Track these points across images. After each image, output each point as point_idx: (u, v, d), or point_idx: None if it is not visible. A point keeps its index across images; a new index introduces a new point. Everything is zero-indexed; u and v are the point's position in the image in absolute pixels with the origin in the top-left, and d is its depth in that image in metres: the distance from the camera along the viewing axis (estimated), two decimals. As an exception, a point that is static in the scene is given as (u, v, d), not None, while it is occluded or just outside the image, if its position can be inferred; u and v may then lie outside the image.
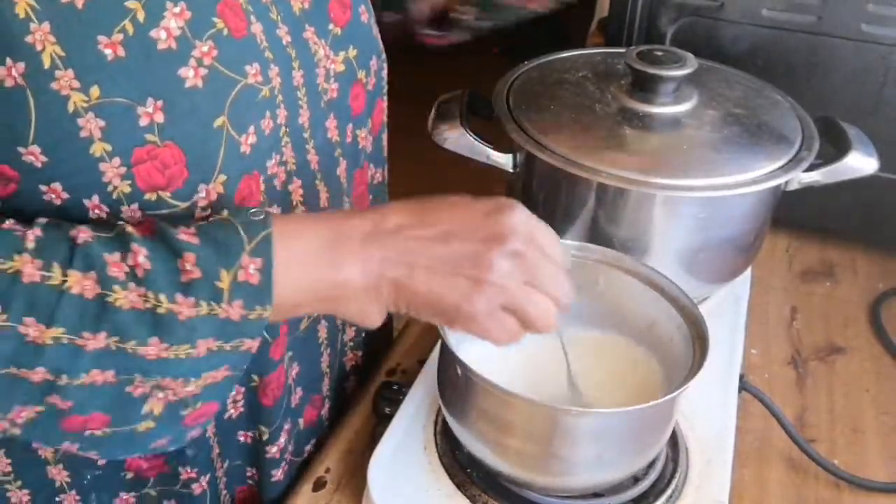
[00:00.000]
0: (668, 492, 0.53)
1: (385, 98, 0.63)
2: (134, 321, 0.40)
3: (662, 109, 0.66)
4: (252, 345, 0.43)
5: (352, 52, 0.55)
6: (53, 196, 0.43)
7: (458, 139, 0.67)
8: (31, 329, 0.38)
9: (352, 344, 0.66)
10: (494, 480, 0.53)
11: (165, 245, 0.40)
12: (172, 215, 0.44)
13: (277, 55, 0.49)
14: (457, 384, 0.50)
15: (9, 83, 0.39)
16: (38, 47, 0.39)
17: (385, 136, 0.65)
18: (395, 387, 0.60)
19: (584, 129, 0.65)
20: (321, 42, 0.53)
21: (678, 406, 0.51)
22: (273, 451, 0.58)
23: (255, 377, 0.54)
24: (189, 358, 0.41)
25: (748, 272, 0.74)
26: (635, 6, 0.83)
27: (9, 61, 0.39)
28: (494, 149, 0.67)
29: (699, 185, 0.61)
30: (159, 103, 0.42)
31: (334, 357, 0.63)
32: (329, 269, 0.43)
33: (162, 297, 0.40)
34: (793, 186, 0.65)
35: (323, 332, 0.60)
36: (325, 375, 0.62)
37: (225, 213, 0.43)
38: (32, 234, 0.40)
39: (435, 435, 0.56)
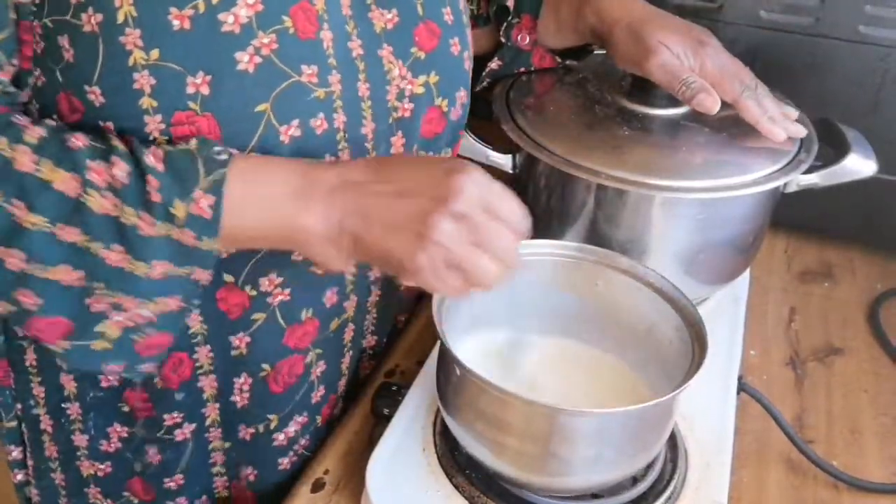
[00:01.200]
0: (667, 493, 0.53)
1: (467, 131, 0.64)
2: (103, 224, 0.44)
3: (661, 111, 0.66)
4: (203, 276, 0.47)
5: (433, 78, 0.57)
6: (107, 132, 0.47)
7: (457, 140, 0.67)
8: (17, 210, 0.43)
9: (370, 352, 0.67)
10: (493, 481, 0.53)
11: (137, 164, 0.45)
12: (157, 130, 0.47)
13: (342, 64, 0.51)
14: (455, 385, 0.50)
15: (87, 28, 0.45)
16: (117, 4, 0.45)
17: None
18: (394, 388, 0.60)
19: (584, 130, 0.65)
20: (398, 62, 0.54)
21: (677, 407, 0.51)
22: (281, 438, 0.59)
23: (265, 366, 0.56)
24: (146, 277, 0.45)
25: (747, 273, 0.74)
26: (634, 8, 0.83)
27: (90, 10, 0.45)
28: (494, 149, 0.68)
29: (698, 187, 0.61)
30: (208, 77, 0.46)
31: (354, 359, 0.64)
32: (292, 213, 0.46)
33: (129, 210, 0.44)
34: (791, 188, 0.65)
35: (349, 334, 0.61)
36: (344, 376, 0.63)
37: (193, 143, 0.46)
38: (37, 132, 0.45)
39: (434, 436, 0.56)
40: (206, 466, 0.60)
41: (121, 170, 0.44)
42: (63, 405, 0.58)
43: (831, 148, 0.68)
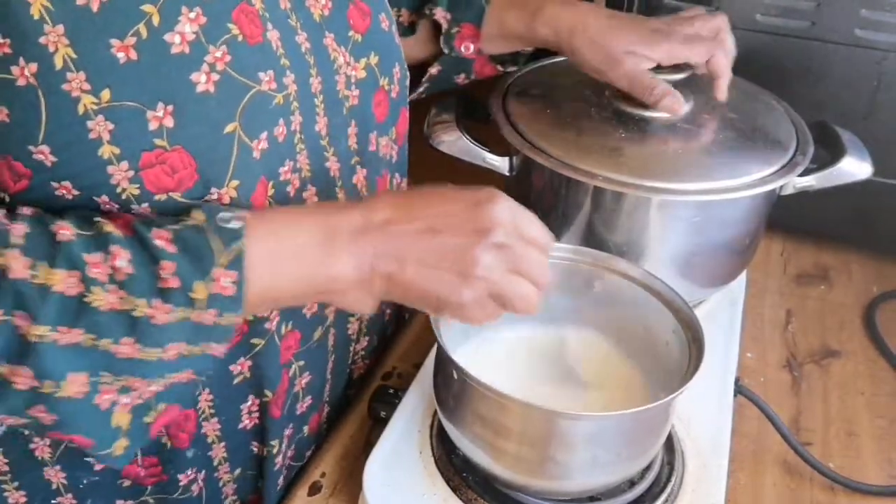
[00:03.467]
0: (664, 495, 0.53)
1: (408, 107, 0.63)
2: (110, 321, 0.40)
3: (658, 113, 0.66)
4: (219, 349, 0.44)
5: (373, 59, 0.56)
6: (65, 192, 0.43)
7: (454, 142, 0.67)
8: (21, 322, 0.39)
9: (363, 353, 0.66)
10: (490, 484, 0.53)
11: (144, 249, 0.41)
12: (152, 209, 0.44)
13: (294, 62, 0.49)
14: (453, 388, 0.50)
15: (21, 82, 0.40)
16: (52, 48, 0.40)
17: (407, 146, 0.65)
18: (391, 391, 0.60)
19: (580, 132, 0.65)
20: (341, 49, 0.53)
21: (674, 409, 0.51)
22: (279, 461, 0.58)
23: (268, 392, 0.54)
24: (159, 360, 0.42)
25: (743, 276, 0.74)
26: (631, 10, 0.83)
27: (22, 61, 0.39)
28: (490, 152, 0.68)
29: (694, 189, 0.61)
30: (169, 108, 0.42)
31: (339, 364, 0.63)
32: (322, 263, 0.44)
33: (140, 301, 0.40)
34: (787, 191, 0.66)
35: (332, 341, 0.60)
36: (328, 382, 0.62)
37: (200, 216, 0.42)
38: (20, 230, 0.40)
39: (431, 439, 0.56)
40: (220, 502, 0.59)
41: (122, 259, 0.40)
42: (53, 501, 0.53)
43: (827, 151, 0.68)
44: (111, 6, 0.41)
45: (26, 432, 0.51)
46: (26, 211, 0.41)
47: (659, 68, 0.64)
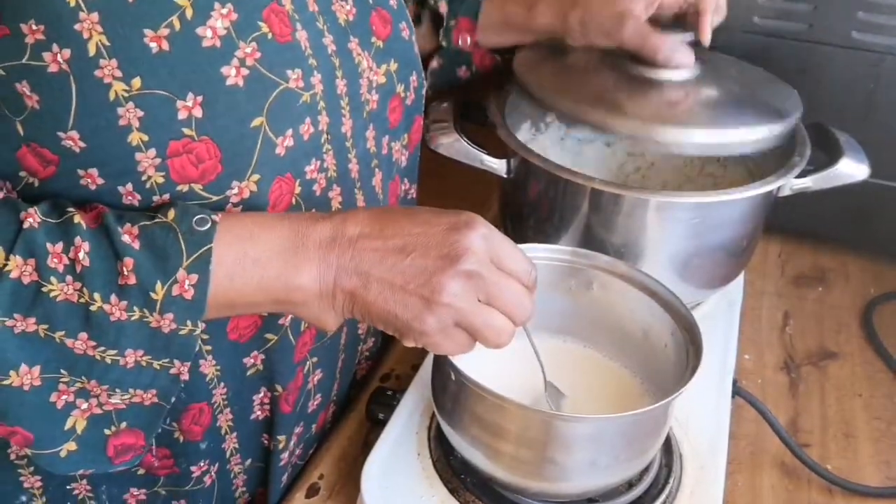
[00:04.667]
0: (662, 497, 0.53)
1: (423, 116, 0.63)
2: (65, 313, 0.40)
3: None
4: (182, 369, 0.43)
5: (392, 66, 0.56)
6: (89, 181, 0.43)
7: (451, 144, 0.67)
8: None
9: (367, 354, 0.66)
10: (488, 486, 0.53)
11: (108, 243, 0.41)
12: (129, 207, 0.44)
13: (321, 63, 0.50)
14: (451, 390, 0.50)
15: (53, 68, 0.40)
16: (86, 35, 0.40)
17: (419, 154, 0.65)
18: (389, 392, 0.60)
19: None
20: (364, 54, 0.53)
21: (672, 411, 0.51)
22: (285, 457, 0.58)
23: (278, 387, 0.55)
24: (116, 365, 0.42)
25: (741, 278, 0.74)
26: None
27: (55, 47, 0.40)
28: (488, 154, 0.68)
29: (692, 192, 0.61)
30: (199, 98, 0.43)
31: (347, 364, 0.63)
32: (285, 273, 0.43)
33: (96, 295, 0.40)
34: (785, 192, 0.66)
35: (343, 339, 0.60)
36: (336, 381, 0.62)
37: (171, 214, 0.42)
38: None
39: (429, 441, 0.56)
40: (231, 495, 0.59)
41: (83, 251, 0.40)
42: (68, 486, 0.54)
43: (824, 152, 0.68)
44: None
45: None
46: None
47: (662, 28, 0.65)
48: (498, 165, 0.68)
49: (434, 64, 0.72)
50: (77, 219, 0.41)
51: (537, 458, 0.48)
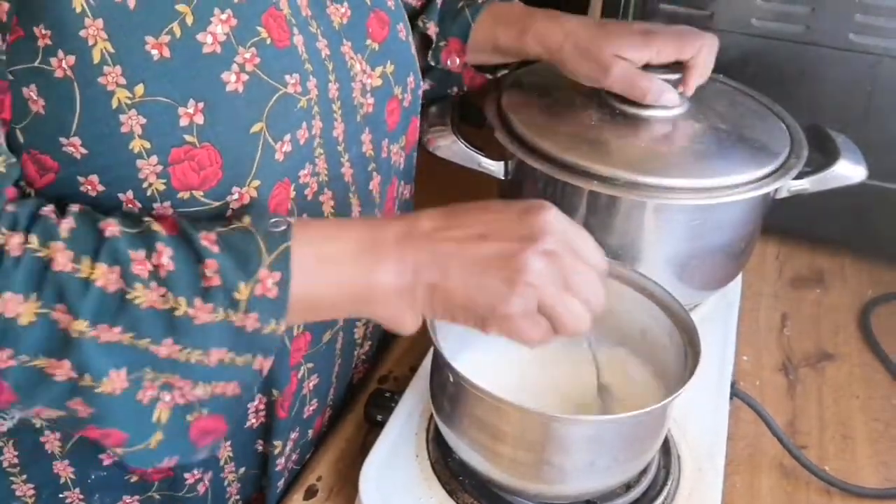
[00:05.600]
0: (660, 499, 0.53)
1: (419, 117, 0.63)
2: (150, 319, 0.40)
3: (653, 113, 0.66)
4: (264, 363, 0.43)
5: (389, 68, 0.56)
6: (89, 188, 0.43)
7: (449, 146, 0.67)
8: (61, 316, 0.39)
9: (364, 358, 0.66)
10: (486, 488, 0.53)
11: (189, 247, 0.41)
12: (197, 214, 0.45)
13: (316, 67, 0.50)
14: (449, 392, 0.50)
15: (58, 74, 0.41)
16: (90, 42, 0.40)
17: (415, 155, 0.65)
18: (387, 394, 0.60)
19: (576, 135, 0.65)
20: (357, 57, 0.53)
21: (670, 413, 0.51)
22: (281, 462, 0.58)
23: (275, 392, 0.54)
24: (201, 365, 0.42)
25: (739, 279, 0.74)
26: (626, 16, 0.83)
27: (60, 53, 0.40)
28: (485, 156, 0.68)
29: (689, 193, 0.61)
30: (200, 105, 0.43)
31: (343, 368, 0.63)
32: (364, 270, 0.43)
33: (181, 299, 0.40)
34: (782, 194, 0.66)
35: (340, 344, 0.60)
36: (332, 386, 0.62)
37: (247, 220, 0.42)
38: (67, 224, 0.40)
39: (427, 442, 0.56)
40: (224, 502, 0.59)
41: (166, 256, 0.40)
42: (60, 495, 0.53)
43: (821, 154, 0.68)
44: (147, 4, 0.42)
45: (39, 425, 0.51)
46: (75, 207, 0.42)
47: (650, 69, 0.65)
48: (495, 167, 0.68)
49: (425, 85, 0.72)
50: (156, 226, 0.41)
51: (535, 460, 0.48)
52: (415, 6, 0.73)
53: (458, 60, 0.71)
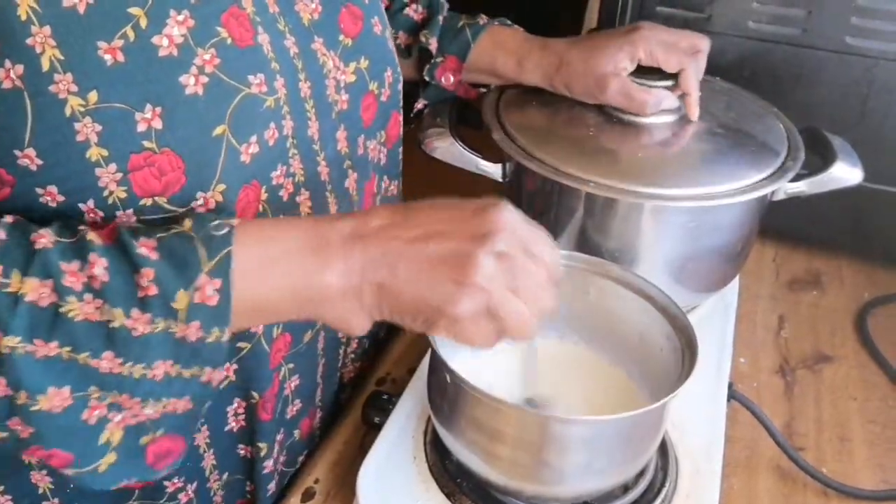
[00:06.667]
0: (658, 501, 0.53)
1: (400, 111, 0.63)
2: (87, 332, 0.38)
3: (651, 120, 0.67)
4: (213, 376, 0.42)
5: (363, 63, 0.55)
6: (49, 199, 0.42)
7: (447, 149, 0.67)
8: None
9: (353, 356, 0.66)
10: (484, 490, 0.53)
11: (124, 257, 0.39)
12: (162, 222, 0.43)
13: (284, 66, 0.49)
14: (446, 393, 0.50)
15: (6, 85, 0.39)
16: (38, 50, 0.39)
17: (400, 149, 0.65)
18: (385, 396, 0.60)
19: (574, 138, 0.66)
20: (330, 53, 0.53)
21: (668, 414, 0.51)
22: (269, 465, 0.58)
23: (255, 394, 0.54)
24: (145, 379, 0.40)
25: (736, 281, 0.74)
26: (624, 18, 0.84)
27: (7, 63, 0.39)
28: (483, 158, 0.68)
29: (687, 195, 0.61)
30: (158, 110, 0.42)
31: (329, 368, 0.62)
32: (309, 272, 0.42)
33: (117, 311, 0.39)
34: (779, 196, 0.66)
35: (321, 343, 0.60)
36: (318, 386, 0.62)
37: (187, 223, 0.41)
38: None
39: (424, 444, 0.56)
40: None
41: (100, 267, 0.38)
42: None
43: (818, 156, 0.68)
44: (98, 8, 0.40)
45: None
46: (7, 219, 0.40)
47: (642, 74, 0.66)
48: (493, 170, 0.68)
49: (419, 105, 0.74)
50: (90, 236, 0.40)
51: (533, 461, 0.48)
52: (416, 20, 0.73)
53: (451, 78, 0.72)
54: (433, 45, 0.70)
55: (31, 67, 0.39)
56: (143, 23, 0.42)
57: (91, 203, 0.43)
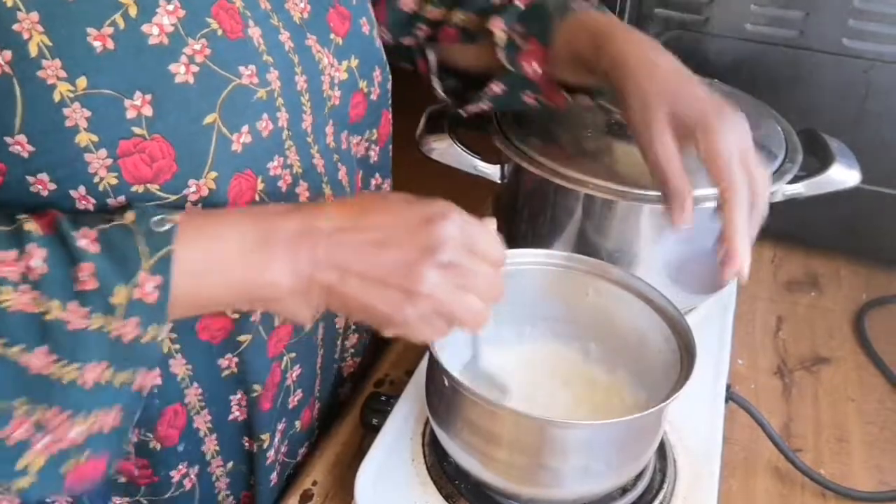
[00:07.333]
0: (656, 503, 0.53)
1: (390, 109, 0.63)
2: (22, 323, 0.38)
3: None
4: (145, 380, 0.42)
5: (353, 62, 0.56)
6: (41, 188, 0.43)
7: (445, 150, 0.67)
8: None
9: (353, 350, 0.66)
10: (482, 492, 0.53)
11: (63, 248, 0.39)
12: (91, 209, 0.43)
13: (278, 59, 0.49)
14: (445, 395, 0.50)
15: None
16: (26, 36, 0.39)
17: (390, 147, 0.65)
18: (383, 398, 0.60)
19: (572, 139, 0.66)
20: (324, 51, 0.53)
21: (666, 417, 0.51)
22: (271, 455, 0.58)
23: (256, 387, 0.54)
24: (75, 386, 0.39)
25: (734, 283, 0.74)
26: (622, 19, 0.84)
27: None
28: (482, 159, 0.68)
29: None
30: (148, 97, 0.42)
31: (327, 359, 0.63)
32: (254, 270, 0.42)
33: (54, 303, 0.38)
34: (777, 198, 0.66)
35: (321, 334, 0.60)
36: (318, 377, 0.62)
37: (130, 216, 0.40)
38: None
39: (423, 446, 0.56)
40: (214, 499, 0.59)
41: (38, 258, 0.38)
42: (46, 500, 0.52)
43: (815, 158, 0.69)
44: None
45: None
46: None
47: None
48: (491, 171, 0.68)
49: (497, 89, 0.65)
50: (29, 226, 0.39)
51: (531, 464, 0.48)
52: (408, 12, 0.69)
53: (539, 69, 0.63)
54: (497, 24, 0.63)
55: (18, 53, 0.40)
56: (133, 11, 0.42)
57: (83, 189, 0.43)
